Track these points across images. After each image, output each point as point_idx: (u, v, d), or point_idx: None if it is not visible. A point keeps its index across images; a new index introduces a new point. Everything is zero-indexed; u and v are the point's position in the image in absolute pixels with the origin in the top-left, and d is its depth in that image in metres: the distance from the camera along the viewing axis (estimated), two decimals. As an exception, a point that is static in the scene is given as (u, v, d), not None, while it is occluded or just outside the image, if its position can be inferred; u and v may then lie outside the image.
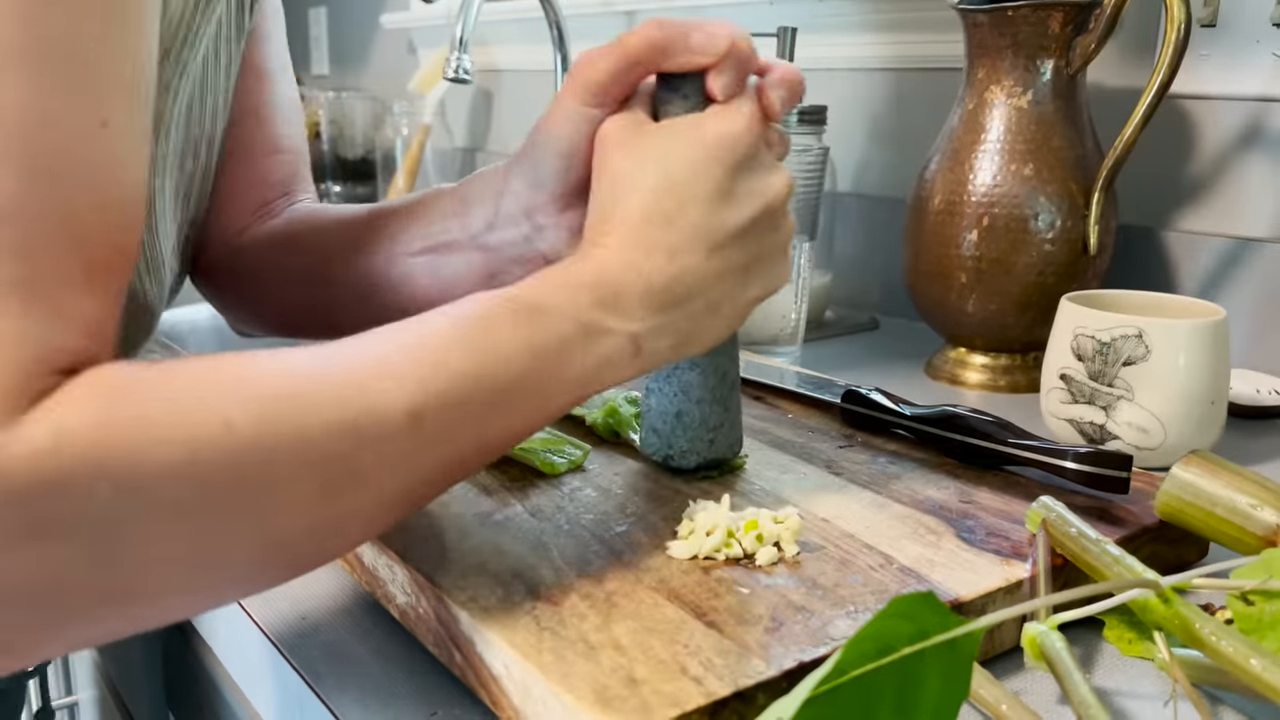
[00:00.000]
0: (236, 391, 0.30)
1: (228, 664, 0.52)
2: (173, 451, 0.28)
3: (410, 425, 0.34)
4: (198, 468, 0.29)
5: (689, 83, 0.45)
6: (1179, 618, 0.37)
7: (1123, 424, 0.61)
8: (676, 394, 0.52)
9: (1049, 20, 0.74)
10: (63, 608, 0.29)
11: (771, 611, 0.39)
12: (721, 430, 0.53)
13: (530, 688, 0.36)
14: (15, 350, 0.27)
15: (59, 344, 0.28)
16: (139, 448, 0.28)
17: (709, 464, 0.53)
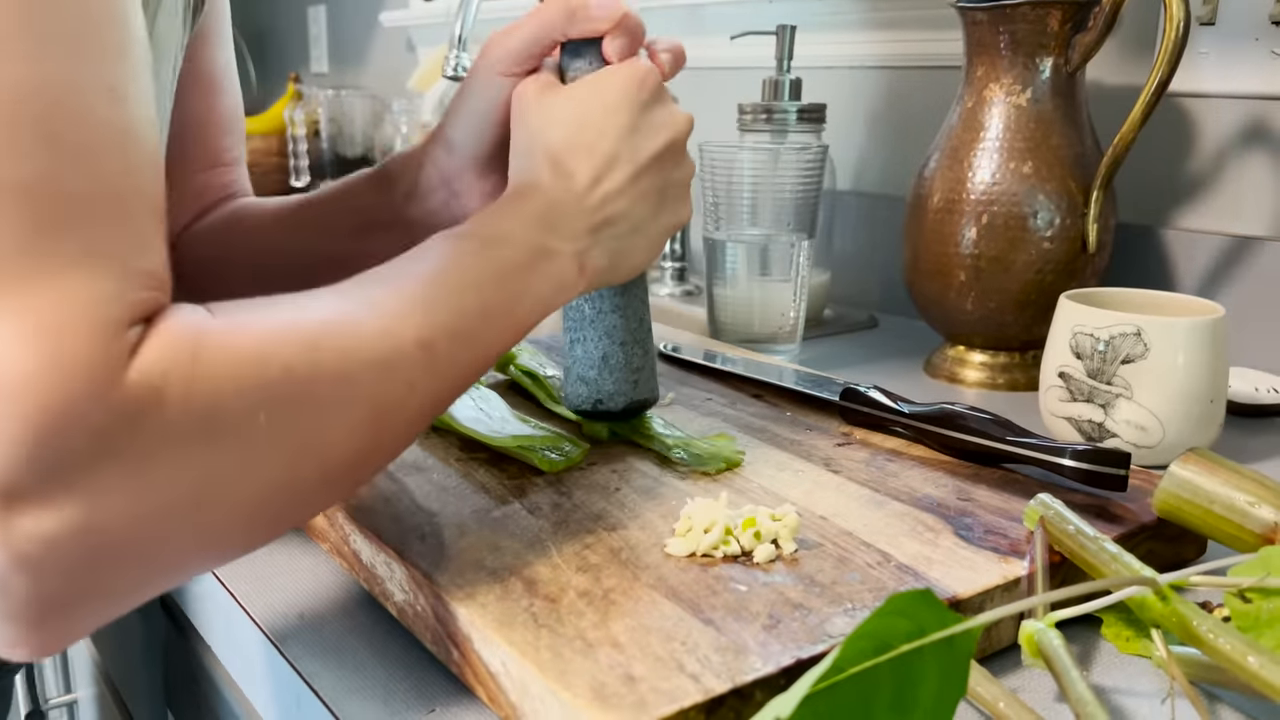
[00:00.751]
0: (290, 338, 0.33)
1: (226, 662, 0.52)
2: (249, 400, 0.31)
3: (424, 355, 0.38)
4: (269, 410, 0.32)
5: (590, 49, 0.51)
6: (1177, 615, 0.37)
7: (1121, 422, 0.61)
8: (601, 338, 0.55)
9: (1048, 18, 0.74)
10: (162, 554, 0.31)
11: (769, 609, 0.39)
12: (643, 372, 0.57)
13: (528, 685, 0.36)
14: (98, 314, 0.28)
15: (131, 299, 0.29)
16: (222, 400, 0.30)
17: (634, 405, 0.57)
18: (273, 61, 2.54)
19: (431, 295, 0.39)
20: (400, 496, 0.50)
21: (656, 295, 1.14)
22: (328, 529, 0.50)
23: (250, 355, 0.32)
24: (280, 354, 0.33)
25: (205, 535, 0.32)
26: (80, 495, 0.28)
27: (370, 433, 0.36)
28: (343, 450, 0.35)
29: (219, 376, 0.30)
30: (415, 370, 0.38)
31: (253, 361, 0.32)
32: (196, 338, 0.30)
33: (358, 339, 0.36)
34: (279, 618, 0.46)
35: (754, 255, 0.83)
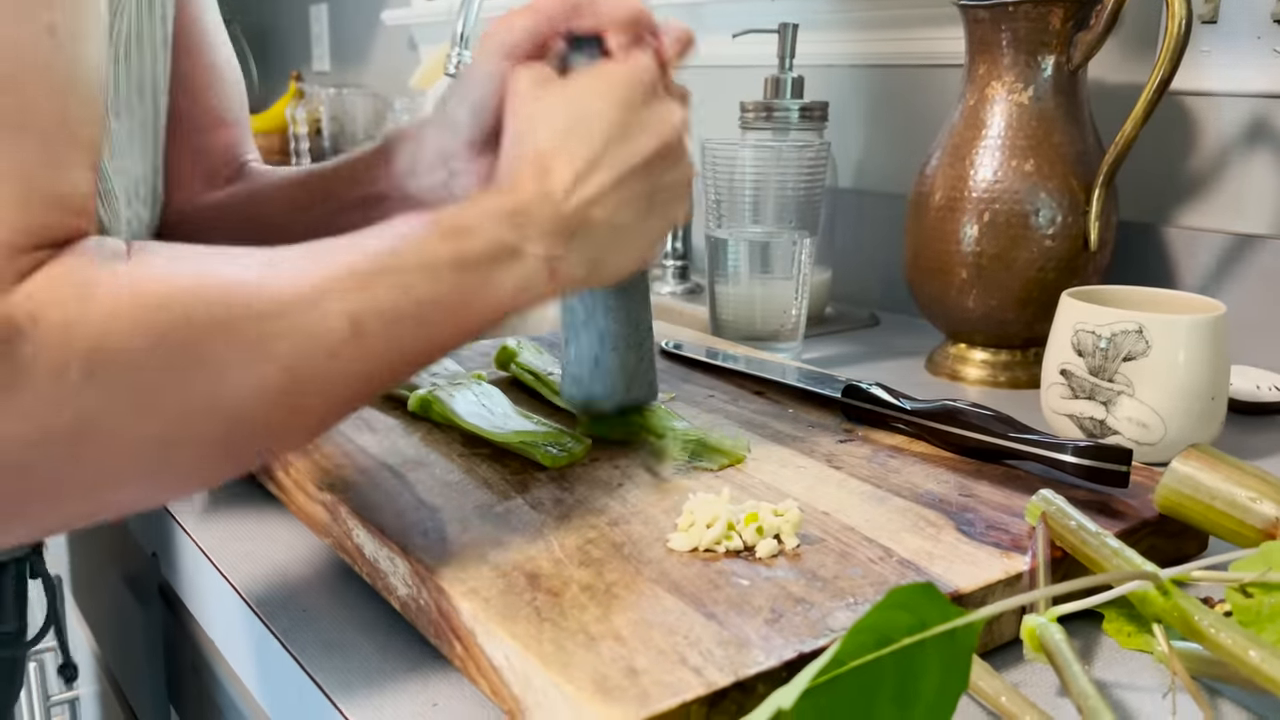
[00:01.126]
0: (198, 293, 0.33)
1: (229, 656, 0.52)
2: (138, 342, 0.31)
3: (353, 332, 0.37)
4: (163, 356, 0.32)
5: (591, 44, 0.50)
6: (1178, 610, 0.37)
7: (1123, 419, 0.61)
8: (592, 342, 0.55)
9: (1050, 16, 0.74)
10: (27, 490, 0.31)
11: (771, 603, 0.40)
12: (637, 375, 0.57)
13: (531, 678, 0.36)
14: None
15: (30, 224, 0.29)
16: (109, 339, 0.30)
17: (626, 408, 0.57)
18: (275, 60, 2.54)
19: (373, 272, 0.39)
20: (403, 491, 0.50)
21: (657, 293, 1.14)
22: (330, 523, 0.50)
23: (148, 299, 0.32)
24: (182, 302, 0.33)
25: (90, 472, 0.32)
26: None
27: (282, 397, 0.36)
28: (249, 410, 0.35)
29: (108, 315, 0.31)
30: (339, 343, 0.37)
31: (150, 306, 0.32)
32: (92, 273, 0.31)
33: (276, 302, 0.35)
34: (281, 611, 0.46)
35: (756, 253, 0.83)
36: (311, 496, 0.52)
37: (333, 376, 0.37)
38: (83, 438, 0.31)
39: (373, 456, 0.54)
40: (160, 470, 0.34)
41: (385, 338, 0.38)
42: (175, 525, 0.56)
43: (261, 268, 0.37)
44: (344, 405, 0.39)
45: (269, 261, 0.37)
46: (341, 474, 0.52)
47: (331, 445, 0.56)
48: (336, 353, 0.37)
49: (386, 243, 0.40)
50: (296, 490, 0.54)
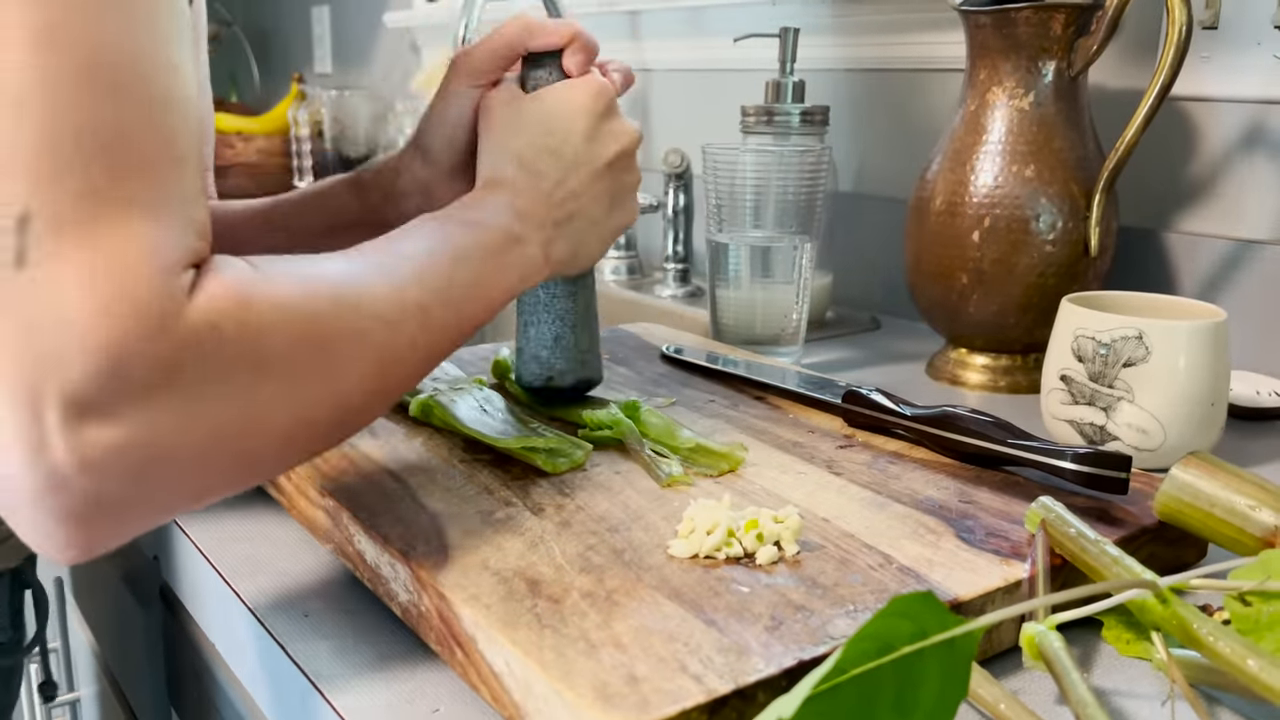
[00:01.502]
0: (319, 291, 0.38)
1: (230, 660, 0.52)
2: (286, 342, 0.35)
3: (422, 316, 0.42)
4: (302, 352, 0.36)
5: (549, 61, 0.56)
6: (1177, 618, 0.37)
7: (1123, 425, 0.61)
8: (554, 321, 0.60)
9: (1051, 22, 0.74)
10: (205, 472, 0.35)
11: (771, 610, 0.40)
12: (590, 353, 0.62)
13: (531, 685, 0.36)
14: (161, 256, 0.31)
15: (187, 245, 0.33)
16: (266, 341, 0.35)
17: (582, 383, 0.62)
18: (276, 61, 2.54)
19: (427, 265, 0.44)
20: (404, 497, 0.50)
21: (658, 297, 1.14)
22: (332, 529, 0.50)
23: (290, 303, 0.36)
24: (312, 305, 0.37)
25: (243, 458, 0.36)
26: (141, 414, 0.31)
27: (377, 380, 0.40)
28: (356, 393, 0.39)
29: (265, 320, 0.34)
30: (415, 329, 0.42)
31: (292, 309, 0.36)
32: (247, 285, 0.34)
33: (371, 297, 0.40)
34: (283, 616, 0.47)
35: (757, 257, 0.83)
36: (313, 502, 0.52)
37: (409, 360, 0.42)
38: (244, 431, 0.35)
39: (374, 462, 0.55)
40: (286, 454, 0.38)
41: (443, 322, 0.44)
42: (176, 529, 0.56)
43: (348, 268, 0.41)
44: (413, 382, 0.43)
45: (351, 262, 0.41)
46: (343, 479, 0.52)
47: (334, 452, 0.56)
48: (414, 340, 0.42)
49: (427, 241, 0.45)
50: (298, 495, 0.54)
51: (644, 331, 0.86)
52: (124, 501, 0.33)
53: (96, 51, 0.31)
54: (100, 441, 0.31)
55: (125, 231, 0.31)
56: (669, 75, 1.33)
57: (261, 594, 0.49)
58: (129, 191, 0.31)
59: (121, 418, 0.31)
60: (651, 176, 1.32)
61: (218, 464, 0.35)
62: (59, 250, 0.30)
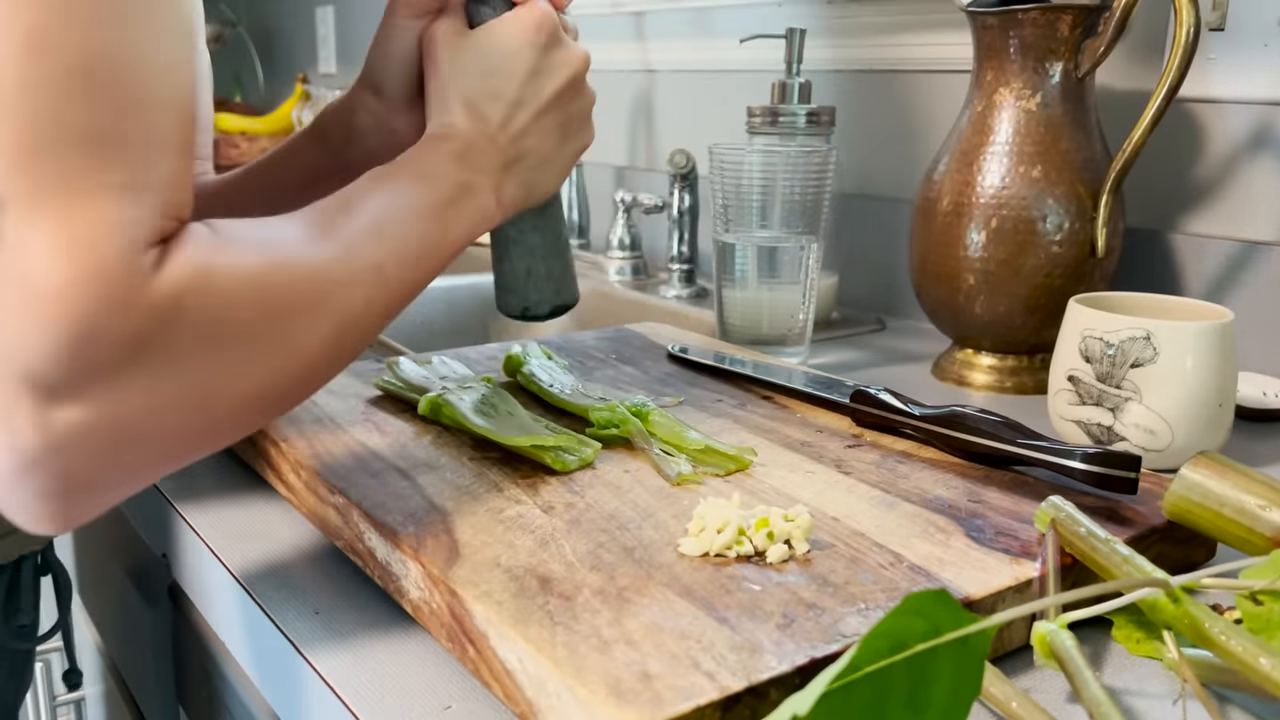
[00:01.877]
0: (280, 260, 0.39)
1: (239, 657, 0.52)
2: (248, 311, 0.37)
3: (377, 276, 0.43)
4: (264, 320, 0.37)
5: None
6: (1188, 617, 0.37)
7: (1130, 425, 0.61)
8: (524, 255, 0.61)
9: (1058, 23, 0.74)
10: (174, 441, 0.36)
11: (783, 608, 0.40)
12: (563, 280, 0.62)
13: (544, 682, 0.36)
14: (127, 234, 0.32)
15: (157, 225, 0.34)
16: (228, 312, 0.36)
17: (558, 308, 0.63)
18: (280, 62, 2.55)
19: (380, 225, 0.45)
20: (414, 495, 0.50)
21: (663, 297, 1.14)
22: (342, 526, 0.50)
23: (251, 274, 0.37)
24: (272, 275, 0.38)
25: (209, 425, 0.37)
26: (108, 390, 0.32)
27: (335, 341, 0.41)
28: (315, 355, 0.40)
29: (226, 292, 0.35)
30: (370, 289, 0.43)
31: (253, 279, 0.37)
32: (208, 258, 0.35)
33: (326, 262, 0.41)
34: (293, 613, 0.47)
35: (764, 258, 0.83)
36: (323, 499, 0.52)
37: (366, 319, 0.43)
38: (209, 400, 0.36)
39: (384, 460, 0.55)
40: (252, 419, 0.39)
41: (396, 277, 0.44)
42: (185, 526, 0.56)
43: (303, 234, 0.41)
44: (369, 339, 0.44)
45: (306, 227, 0.42)
46: (353, 477, 0.52)
47: (342, 448, 0.56)
48: (370, 299, 0.43)
49: (379, 200, 0.46)
50: (308, 493, 0.54)
51: (650, 331, 0.86)
52: (96, 476, 0.34)
53: (81, 53, 0.32)
54: (69, 421, 0.32)
55: (94, 213, 0.32)
56: (674, 76, 1.33)
57: (271, 591, 0.49)
58: (102, 177, 0.32)
59: (88, 396, 0.32)
60: (657, 177, 1.32)
61: (185, 434, 0.36)
62: (30, 231, 0.31)
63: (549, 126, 0.54)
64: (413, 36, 0.56)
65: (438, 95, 0.53)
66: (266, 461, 0.59)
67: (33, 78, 0.31)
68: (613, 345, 0.81)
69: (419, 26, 0.56)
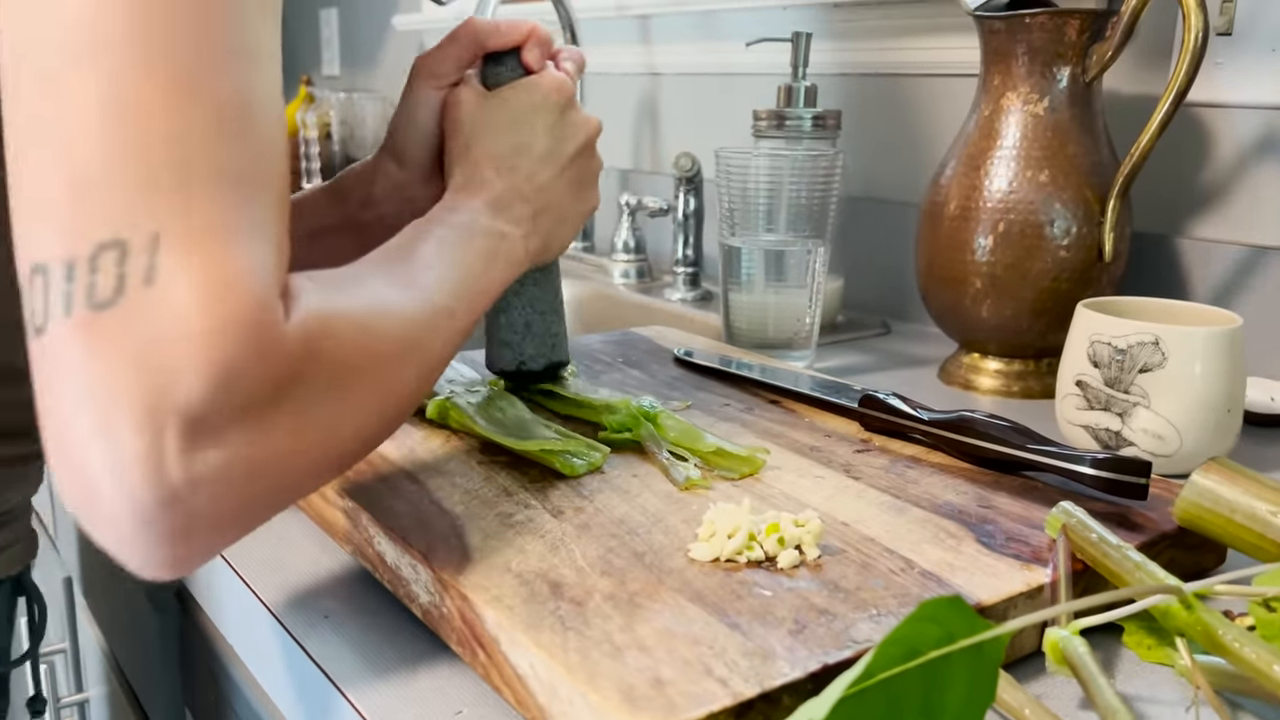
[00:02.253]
0: (380, 308, 0.40)
1: (248, 662, 0.52)
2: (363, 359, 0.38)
3: (450, 320, 0.45)
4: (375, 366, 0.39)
5: (508, 58, 0.58)
6: (1202, 624, 0.37)
7: (1138, 431, 0.61)
8: (524, 308, 0.62)
9: (1066, 27, 0.74)
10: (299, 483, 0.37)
11: (794, 614, 0.40)
12: (559, 337, 0.64)
13: (556, 687, 0.36)
14: (262, 281, 0.33)
15: (280, 272, 0.34)
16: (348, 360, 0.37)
17: (551, 366, 0.64)
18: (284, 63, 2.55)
19: (443, 271, 0.46)
20: (423, 499, 0.50)
21: (668, 300, 1.14)
22: (351, 530, 0.50)
23: (361, 322, 0.38)
24: (377, 322, 0.39)
25: (326, 465, 0.38)
26: (249, 432, 0.33)
27: (425, 380, 0.43)
28: (409, 395, 0.42)
29: (346, 338, 0.37)
30: (447, 332, 0.45)
31: (363, 327, 0.38)
32: (325, 306, 0.36)
33: (415, 309, 0.43)
34: (303, 617, 0.47)
35: (770, 261, 0.83)
36: (331, 503, 0.52)
37: (445, 358, 0.45)
38: (331, 443, 0.37)
39: (392, 463, 0.55)
40: (352, 458, 0.40)
41: (465, 321, 0.47)
42: (194, 530, 0.56)
43: (391, 283, 0.43)
44: (440, 375, 0.46)
45: (390, 275, 0.44)
46: (361, 481, 0.52)
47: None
48: (448, 340, 0.45)
49: (435, 248, 0.48)
50: (316, 496, 0.54)
51: (656, 335, 0.86)
52: (223, 517, 0.34)
53: (227, 98, 0.33)
54: (213, 461, 0.32)
55: (237, 258, 0.32)
56: (679, 79, 1.33)
57: (281, 595, 0.49)
58: (241, 221, 0.33)
59: (232, 437, 0.32)
60: (662, 180, 1.32)
61: (307, 474, 0.37)
62: (182, 270, 0.31)
63: (568, 183, 0.57)
64: (434, 106, 0.58)
65: (461, 154, 0.55)
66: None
67: (190, 120, 0.32)
68: (619, 349, 0.81)
69: (440, 96, 0.58)
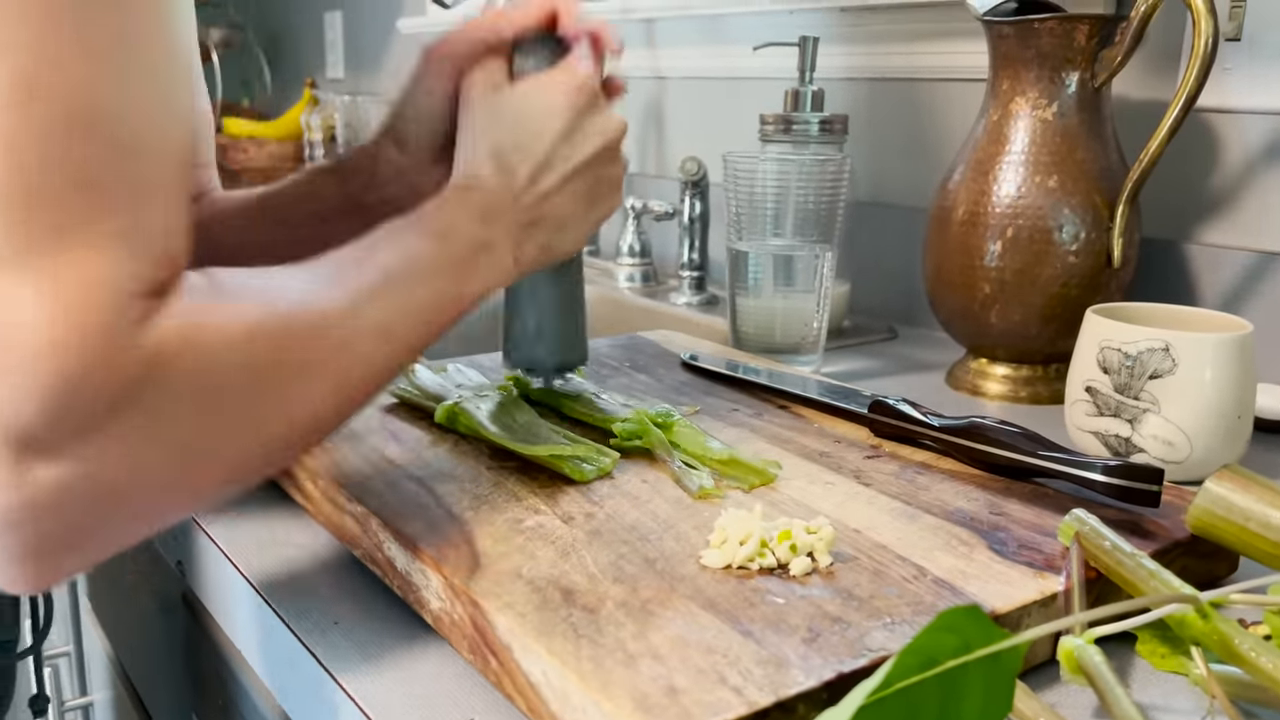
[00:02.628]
0: (271, 319, 0.37)
1: (257, 667, 0.52)
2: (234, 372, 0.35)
3: (381, 336, 0.42)
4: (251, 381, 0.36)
5: (540, 51, 0.55)
6: (1217, 633, 0.37)
7: (1148, 437, 0.61)
8: (536, 311, 0.61)
9: (1075, 33, 0.74)
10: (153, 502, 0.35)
11: (808, 622, 0.40)
12: (575, 336, 0.63)
13: (569, 695, 0.36)
14: (118, 289, 0.31)
15: (148, 278, 0.32)
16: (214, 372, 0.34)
17: (564, 366, 0.63)
18: (289, 67, 2.55)
19: (390, 284, 0.43)
20: (433, 505, 0.50)
21: (673, 304, 1.14)
22: (361, 536, 0.50)
23: (239, 334, 0.35)
24: (262, 333, 0.36)
25: (190, 487, 0.36)
26: (89, 448, 0.31)
27: (332, 402, 0.40)
28: (307, 416, 0.39)
29: (215, 351, 0.34)
30: (372, 348, 0.42)
31: (240, 340, 0.35)
32: (199, 316, 0.34)
33: (325, 322, 0.39)
34: (313, 624, 0.47)
35: (778, 266, 0.83)
36: (341, 508, 0.52)
37: (367, 377, 0.42)
38: (190, 461, 0.34)
39: (401, 468, 0.55)
40: (235, 477, 0.38)
41: (403, 337, 0.43)
42: (202, 535, 0.56)
43: (307, 289, 0.40)
44: (373, 396, 0.43)
45: (311, 282, 0.41)
46: (370, 485, 0.52)
47: (359, 457, 0.56)
48: (370, 357, 0.42)
49: (391, 256, 0.44)
50: (325, 501, 0.54)
51: (664, 339, 0.86)
52: (73, 537, 0.33)
53: (72, 100, 0.31)
54: (48, 480, 0.31)
55: (85, 266, 0.30)
56: (685, 83, 1.33)
57: (291, 601, 0.49)
58: (95, 227, 0.31)
59: (68, 454, 0.31)
60: (667, 184, 1.32)
61: (167, 494, 0.35)
62: (18, 285, 0.30)
63: (575, 191, 0.53)
64: (440, 98, 0.56)
65: (468, 143, 0.53)
66: (283, 470, 0.59)
67: (21, 126, 0.30)
68: (626, 353, 0.81)
69: (451, 88, 0.55)
